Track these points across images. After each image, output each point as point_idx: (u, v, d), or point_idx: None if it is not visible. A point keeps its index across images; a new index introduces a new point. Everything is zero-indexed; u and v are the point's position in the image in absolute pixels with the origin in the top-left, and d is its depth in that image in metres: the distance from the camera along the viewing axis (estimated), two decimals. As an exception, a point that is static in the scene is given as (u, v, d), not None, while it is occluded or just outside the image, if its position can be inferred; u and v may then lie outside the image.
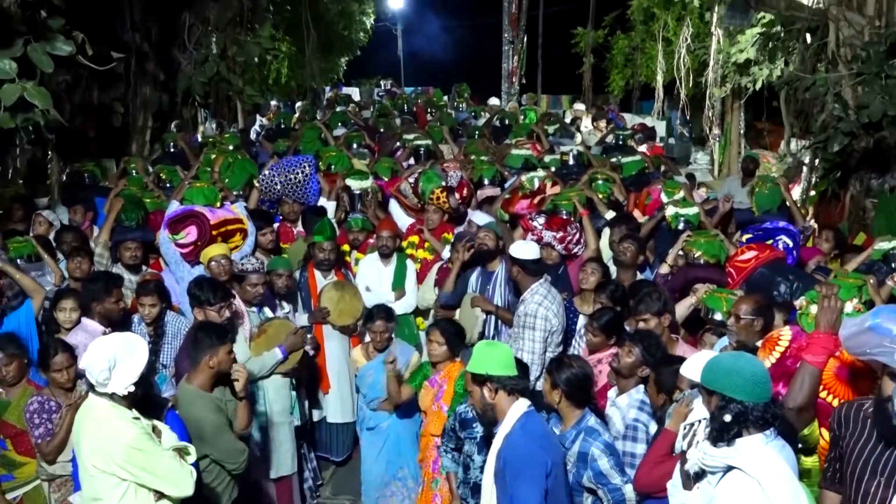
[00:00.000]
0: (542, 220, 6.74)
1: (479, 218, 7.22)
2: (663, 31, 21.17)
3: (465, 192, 7.85)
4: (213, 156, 8.28)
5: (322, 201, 7.80)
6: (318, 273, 6.91)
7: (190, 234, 6.45)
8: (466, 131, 11.65)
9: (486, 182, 8.51)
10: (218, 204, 7.04)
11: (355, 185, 8.00)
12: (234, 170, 8.12)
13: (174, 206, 6.82)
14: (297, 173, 7.82)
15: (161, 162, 9.28)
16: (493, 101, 16.68)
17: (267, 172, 7.81)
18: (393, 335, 5.96)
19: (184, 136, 10.26)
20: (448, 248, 6.82)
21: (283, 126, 12.70)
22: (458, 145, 10.54)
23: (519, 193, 7.82)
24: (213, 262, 6.22)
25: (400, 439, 5.85)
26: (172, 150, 9.89)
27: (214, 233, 6.61)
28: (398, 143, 10.38)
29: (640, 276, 6.33)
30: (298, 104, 18.05)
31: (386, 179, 8.60)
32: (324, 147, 9.61)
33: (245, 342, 5.52)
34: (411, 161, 9.49)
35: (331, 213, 7.60)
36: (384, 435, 5.88)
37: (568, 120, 14.88)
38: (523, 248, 5.85)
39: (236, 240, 6.85)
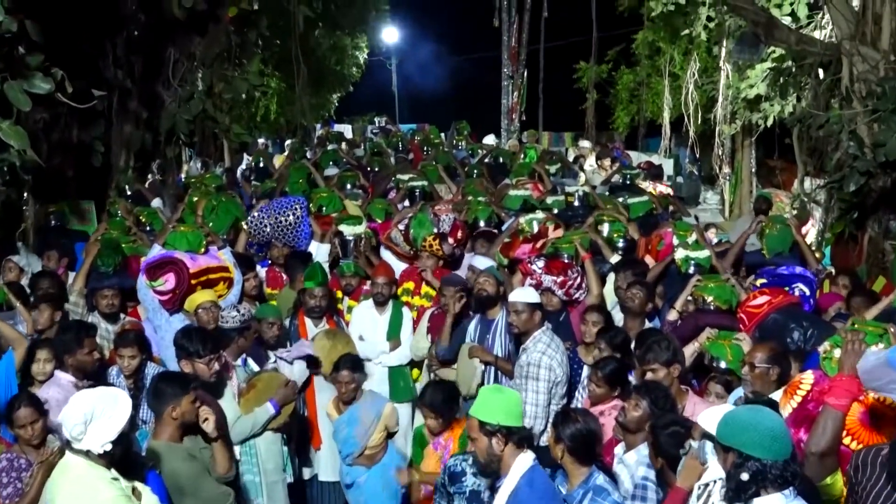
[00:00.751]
0: (541, 263, 6.75)
1: (479, 262, 7.21)
2: (669, 65, 21.43)
3: (459, 234, 7.94)
4: (196, 198, 8.30)
5: (314, 245, 7.85)
6: (308, 321, 6.90)
7: (168, 281, 6.42)
8: (465, 170, 11.77)
9: (481, 224, 8.59)
10: (202, 250, 6.96)
11: (348, 230, 8.05)
12: (218, 212, 8.12)
13: (156, 251, 6.81)
14: (288, 215, 7.84)
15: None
16: (489, 139, 16.88)
17: (256, 214, 7.84)
18: (362, 386, 6.07)
19: (140, 178, 10.26)
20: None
21: (261, 165, 12.92)
22: (457, 184, 10.63)
23: (520, 237, 7.87)
24: (200, 310, 6.23)
25: (378, 494, 5.92)
26: (128, 193, 10.06)
27: (194, 282, 6.58)
28: (392, 184, 10.46)
29: (648, 325, 6.34)
30: (288, 142, 18.24)
31: (380, 221, 8.65)
32: (313, 188, 9.73)
33: (234, 399, 5.54)
34: (406, 203, 9.60)
35: (325, 257, 7.68)
36: (363, 490, 5.93)
37: (571, 158, 15.12)
38: (522, 294, 5.90)
39: (220, 289, 6.78)
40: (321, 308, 6.84)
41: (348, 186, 10.42)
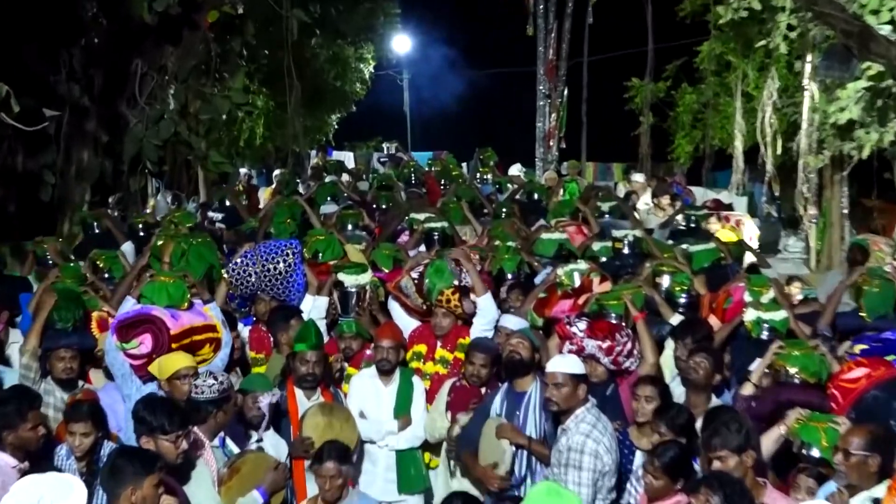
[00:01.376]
0: (583, 325, 6.79)
1: (509, 322, 7.26)
2: (742, 83, 21.34)
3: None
4: (161, 241, 8.33)
5: (308, 299, 7.89)
6: (299, 392, 6.90)
7: (144, 343, 6.46)
8: (492, 209, 11.74)
9: (508, 277, 8.60)
10: (185, 304, 6.97)
11: (350, 280, 8.06)
12: (189, 258, 8.06)
13: (128, 305, 6.83)
14: (278, 262, 7.88)
15: (84, 248, 9.41)
16: (516, 169, 16.89)
17: (240, 261, 7.85)
18: (355, 481, 6.13)
19: (108, 213, 10.35)
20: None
21: (225, 204, 12.74)
22: (483, 225, 10.65)
23: (558, 292, 7.86)
24: (178, 380, 6.30)
25: None
26: (96, 230, 10.13)
27: (175, 345, 6.63)
28: (404, 225, 10.51)
29: (715, 401, 6.38)
30: (276, 173, 18.15)
31: (387, 271, 8.69)
32: (307, 229, 9.77)
33: (213, 487, 5.55)
34: (422, 248, 9.64)
35: (321, 314, 7.79)
36: None
37: (621, 194, 15.05)
38: (563, 362, 5.97)
39: (205, 352, 6.88)
40: (314, 376, 6.85)
41: (350, 227, 10.46)
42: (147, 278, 7.10)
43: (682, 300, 7.93)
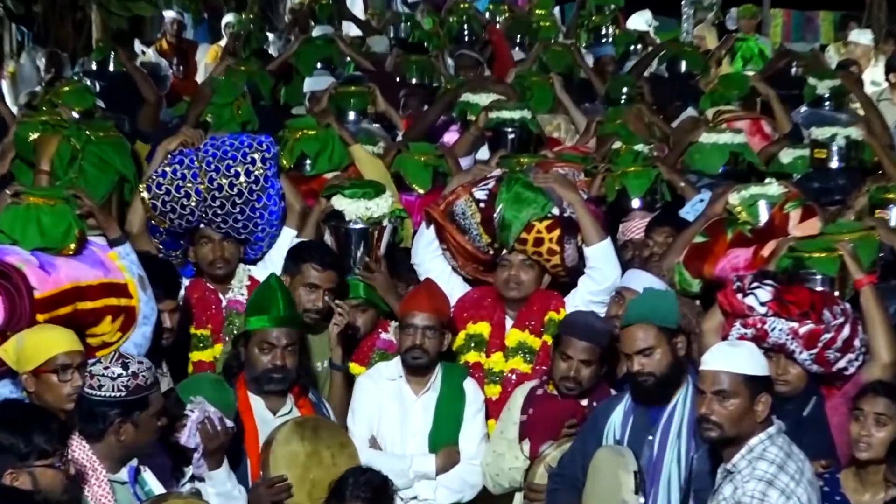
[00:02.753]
0: (766, 293, 5.56)
1: (636, 280, 6.22)
2: None
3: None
4: (36, 135, 7.29)
5: (286, 233, 6.88)
6: (256, 401, 5.98)
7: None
8: (605, 87, 10.58)
9: (634, 205, 7.58)
10: (71, 246, 5.70)
11: (354, 209, 6.78)
12: (85, 166, 7.00)
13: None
14: (237, 173, 6.66)
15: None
16: (643, 21, 14.58)
17: (170, 171, 6.70)
18: None
19: None
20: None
21: (109, 70, 11.48)
22: (589, 115, 9.52)
23: (727, 234, 6.60)
24: (50, 375, 5.16)
25: None
26: None
27: (44, 316, 5.45)
28: (453, 113, 9.38)
29: None
30: (226, 20, 16.05)
31: (422, 193, 7.75)
32: (282, 118, 8.82)
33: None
34: (482, 154, 8.69)
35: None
36: None
37: (832, 64, 13.15)
38: (730, 356, 4.96)
39: (103, 329, 5.62)
40: (284, 373, 5.88)
41: (354, 116, 9.17)
42: (4, 200, 6.00)
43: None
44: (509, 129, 8.73)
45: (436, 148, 8.47)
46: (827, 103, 9.97)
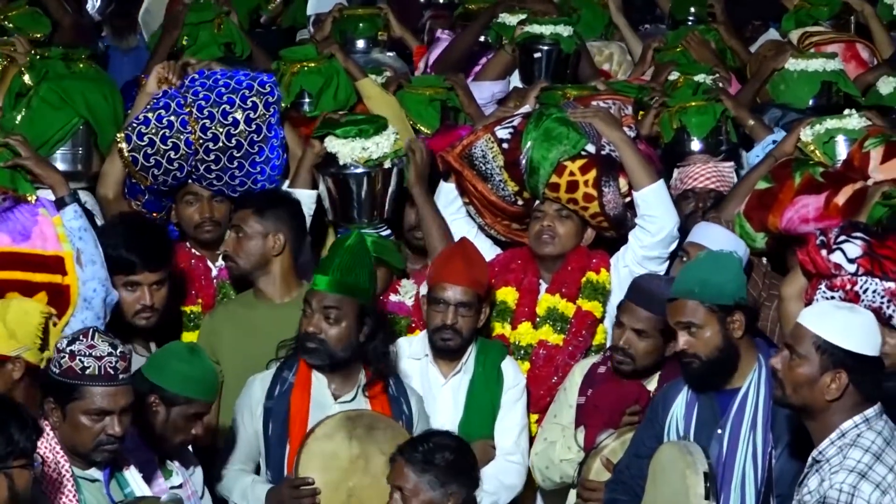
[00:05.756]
0: (857, 247, 5.05)
1: (707, 237, 5.69)
2: None
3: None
4: None
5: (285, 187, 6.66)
6: (319, 379, 5.36)
7: None
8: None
9: (694, 147, 6.84)
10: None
11: (346, 151, 6.12)
12: (36, 104, 6.40)
13: None
14: (236, 117, 6.11)
15: None
16: None
17: (150, 116, 6.06)
18: None
19: None
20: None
21: None
22: (647, 39, 8.94)
23: (793, 179, 6.02)
24: None
25: None
26: None
27: None
28: (482, 34, 8.81)
29: None
30: None
31: (428, 132, 7.06)
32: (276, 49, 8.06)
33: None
34: (513, 85, 8.11)
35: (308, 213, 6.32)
36: None
37: None
38: (815, 318, 4.37)
39: (30, 309, 4.98)
40: (316, 341, 5.22)
41: (361, 44, 8.61)
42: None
43: None
44: (543, 52, 8.04)
45: (444, 80, 7.76)
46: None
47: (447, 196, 6.46)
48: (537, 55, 7.99)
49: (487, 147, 6.24)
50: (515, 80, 8.26)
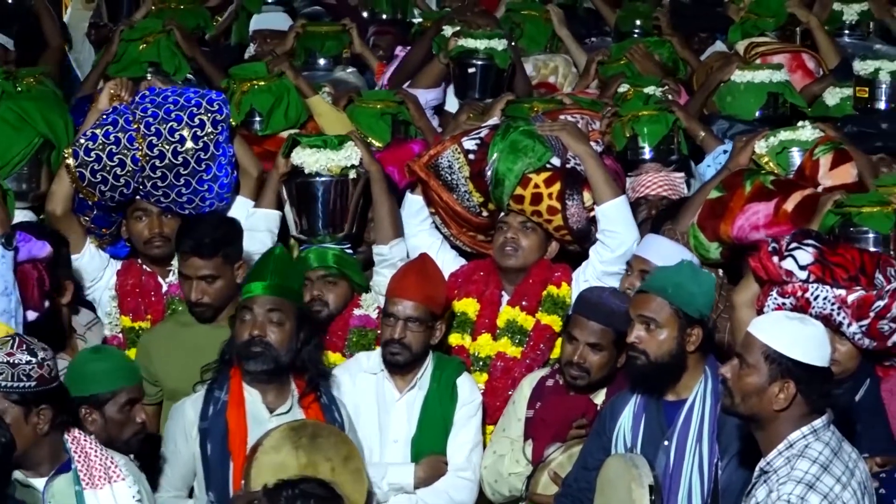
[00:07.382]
0: (807, 255, 5.10)
1: (655, 251, 5.69)
2: None
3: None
4: None
5: (240, 204, 6.37)
6: (251, 393, 5.37)
7: None
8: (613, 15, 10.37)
9: (645, 154, 7.00)
10: None
11: (313, 160, 6.21)
12: (3, 126, 6.34)
13: None
14: (183, 135, 6.14)
15: None
16: None
17: (97, 132, 6.05)
18: None
19: None
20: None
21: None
22: (592, 52, 8.94)
23: (744, 187, 6.07)
24: None
25: None
26: None
27: None
28: (435, 50, 8.59)
29: None
30: None
31: (378, 145, 7.07)
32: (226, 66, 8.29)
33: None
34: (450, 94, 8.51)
35: (268, 232, 6.27)
36: None
37: None
38: (764, 328, 4.41)
39: None
40: (263, 345, 5.28)
41: (322, 62, 8.68)
42: None
43: None
44: (474, 62, 8.04)
45: (394, 94, 7.84)
46: (847, 32, 9.49)
47: (412, 206, 6.48)
48: (471, 70, 8.01)
49: (454, 157, 6.32)
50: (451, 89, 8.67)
